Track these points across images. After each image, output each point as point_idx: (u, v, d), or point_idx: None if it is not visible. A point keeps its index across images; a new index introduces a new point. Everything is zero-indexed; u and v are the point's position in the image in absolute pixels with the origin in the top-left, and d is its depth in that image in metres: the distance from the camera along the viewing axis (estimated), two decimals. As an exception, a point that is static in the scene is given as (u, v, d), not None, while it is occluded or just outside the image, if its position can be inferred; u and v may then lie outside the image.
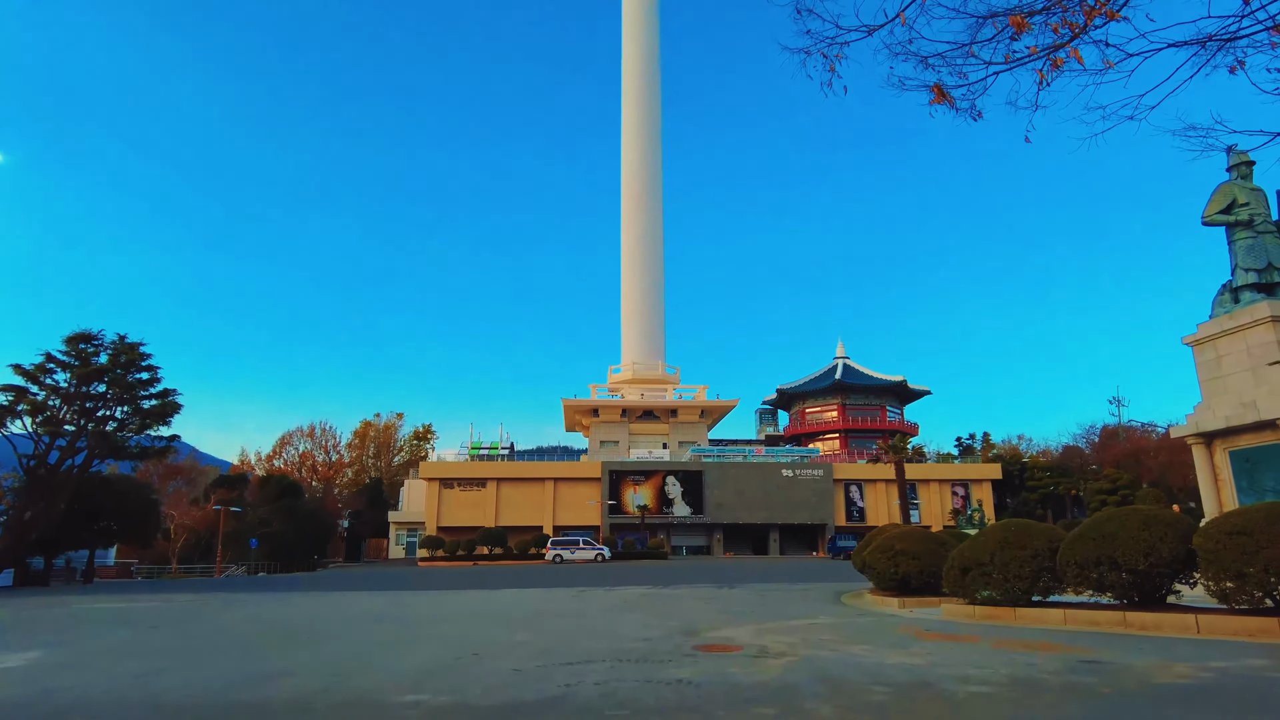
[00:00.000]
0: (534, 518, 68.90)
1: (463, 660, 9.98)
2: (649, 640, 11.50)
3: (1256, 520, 11.16)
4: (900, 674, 8.27)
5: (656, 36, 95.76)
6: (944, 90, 5.54)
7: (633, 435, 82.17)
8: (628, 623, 14.27)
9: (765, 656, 9.74)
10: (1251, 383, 16.74)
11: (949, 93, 5.54)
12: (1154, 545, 11.82)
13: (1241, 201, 18.02)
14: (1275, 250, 17.79)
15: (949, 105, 5.63)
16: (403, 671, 9.17)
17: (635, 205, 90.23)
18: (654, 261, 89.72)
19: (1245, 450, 16.73)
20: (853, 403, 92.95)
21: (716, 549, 70.08)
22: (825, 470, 71.79)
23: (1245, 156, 18.53)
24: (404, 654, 10.70)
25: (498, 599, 21.71)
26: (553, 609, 17.86)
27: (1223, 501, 16.94)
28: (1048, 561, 13.28)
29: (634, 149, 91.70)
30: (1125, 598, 12.44)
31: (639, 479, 69.70)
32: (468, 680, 8.48)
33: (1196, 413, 17.70)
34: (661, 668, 9.02)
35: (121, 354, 39.71)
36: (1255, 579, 10.96)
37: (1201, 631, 11.28)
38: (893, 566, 17.51)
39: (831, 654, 9.83)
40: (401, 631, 13.74)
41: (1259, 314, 16.66)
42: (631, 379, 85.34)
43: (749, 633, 12.29)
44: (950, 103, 5.61)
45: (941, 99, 5.57)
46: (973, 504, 70.74)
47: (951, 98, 5.60)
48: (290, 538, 64.26)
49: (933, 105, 5.57)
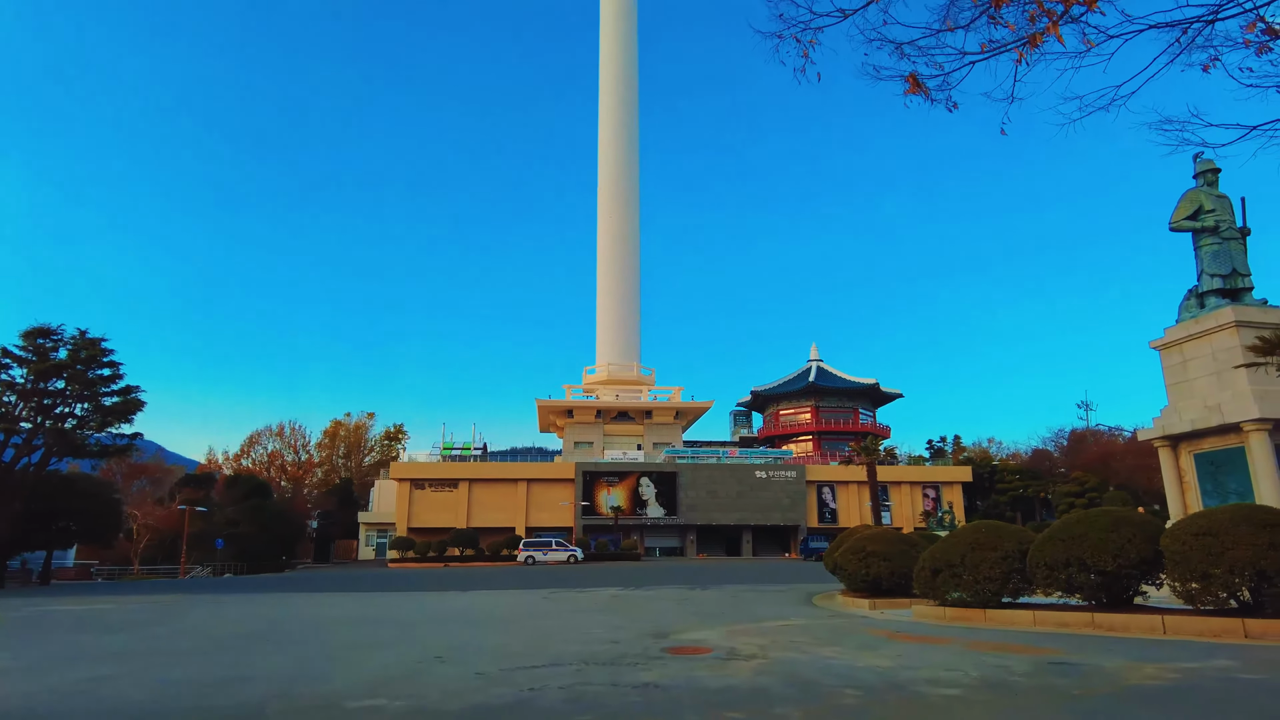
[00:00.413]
0: (506, 519, 68.36)
1: (426, 664, 9.72)
2: (617, 643, 11.31)
3: (1222, 522, 11.23)
4: (871, 676, 8.16)
5: (635, 38, 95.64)
6: (919, 80, 5.43)
7: (607, 436, 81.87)
8: (597, 625, 14.07)
9: (735, 659, 9.60)
10: (1216, 386, 16.94)
11: (924, 83, 5.44)
12: (1122, 547, 11.86)
13: (1208, 208, 18.26)
14: (1239, 257, 18.05)
15: (924, 96, 5.52)
16: (363, 676, 8.90)
17: (612, 206, 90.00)
18: (630, 262, 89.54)
19: (1209, 453, 16.94)
20: (826, 405, 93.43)
21: (690, 550, 70.01)
22: (798, 472, 72.05)
23: (1211, 164, 18.79)
24: (366, 658, 10.41)
25: (467, 601, 21.40)
26: (522, 611, 17.61)
27: (1187, 504, 17.13)
28: (1018, 563, 13.30)
29: (611, 150, 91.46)
30: (1094, 599, 12.48)
31: (613, 480, 69.44)
32: (429, 685, 8.24)
33: (1163, 416, 17.89)
34: (629, 671, 8.84)
35: (82, 349, 38.67)
36: (1220, 580, 11.04)
37: (1168, 632, 11.34)
38: (864, 568, 17.48)
39: (802, 656, 9.71)
40: (365, 634, 13.41)
41: (1223, 319, 16.87)
42: (607, 380, 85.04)
43: (719, 635, 12.15)
44: (925, 93, 5.50)
45: (917, 89, 5.46)
46: (944, 506, 71.38)
47: (927, 88, 5.48)
48: (258, 538, 63.16)
49: (908, 95, 5.46)
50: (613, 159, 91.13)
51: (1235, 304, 17.19)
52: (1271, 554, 10.62)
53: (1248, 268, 18.01)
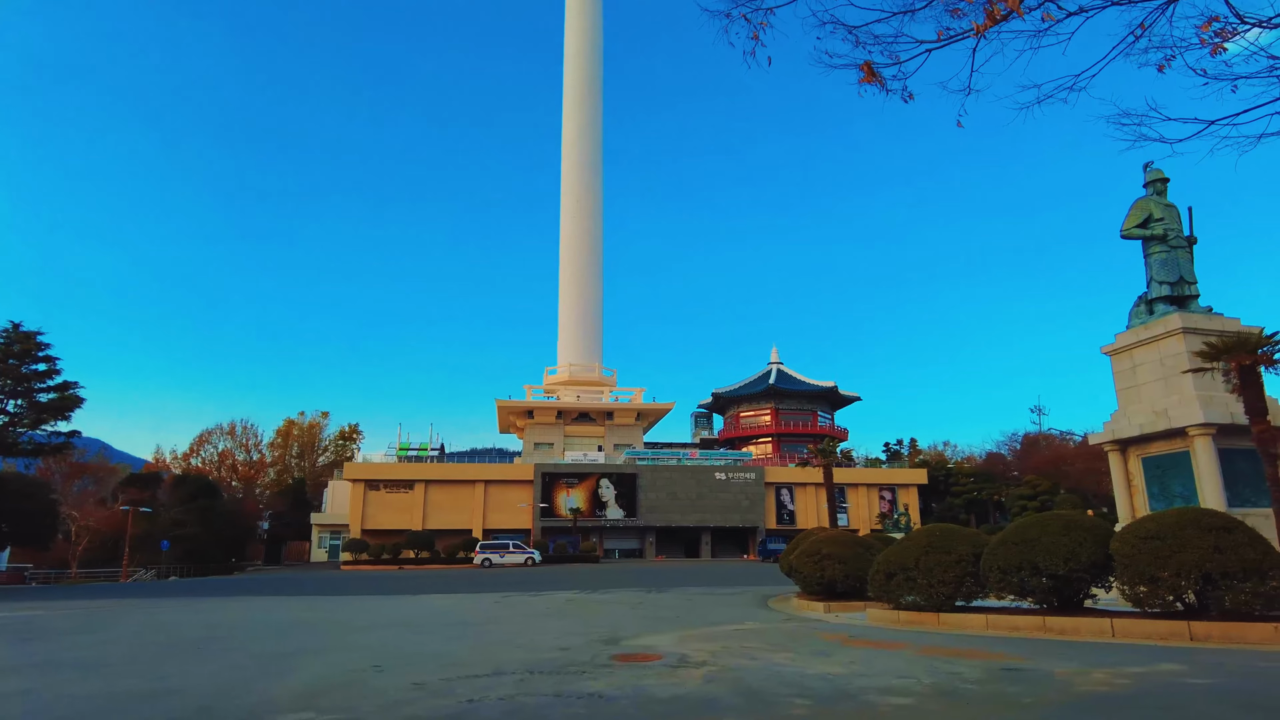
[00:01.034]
0: (463, 521, 67.41)
1: (362, 673, 9.29)
2: (567, 650, 10.98)
3: (1169, 525, 11.31)
4: (822, 685, 7.96)
5: (600, 42, 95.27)
6: (874, 69, 5.24)
7: (568, 437, 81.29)
8: (548, 630, 13.72)
9: (685, 666, 9.34)
10: (1164, 392, 17.20)
11: (879, 72, 5.25)
12: (1074, 550, 11.89)
13: (1157, 216, 18.56)
14: (1186, 265, 18.39)
15: (879, 86, 5.33)
16: (293, 686, 8.45)
17: (575, 206, 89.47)
18: (593, 263, 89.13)
19: (1157, 457, 17.19)
20: (786, 407, 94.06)
21: (649, 552, 69.79)
22: (757, 474, 72.31)
23: (1160, 174, 19.13)
24: (300, 666, 9.93)
25: (417, 605, 20.86)
26: (472, 616, 17.18)
27: (1135, 507, 17.37)
28: (971, 567, 13.28)
29: (574, 150, 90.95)
30: (1045, 602, 12.49)
31: (572, 481, 68.92)
32: (362, 696, 7.83)
33: (1113, 420, 18.12)
34: (576, 680, 8.53)
35: (15, 343, 37.04)
36: (1167, 583, 11.11)
37: (1116, 635, 11.38)
38: (819, 571, 17.39)
39: (753, 663, 9.50)
40: (306, 641, 12.88)
41: (1171, 325, 17.14)
42: (568, 381, 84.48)
43: (671, 640, 11.89)
44: (880, 83, 5.31)
45: (872, 78, 5.27)
46: (899, 508, 72.22)
47: (882, 77, 5.29)
48: (206, 540, 61.37)
49: (862, 84, 5.26)
50: (576, 159, 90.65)
51: (1182, 311, 17.48)
52: (1217, 557, 10.71)
53: (1194, 275, 18.34)
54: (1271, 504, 12.68)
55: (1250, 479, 15.86)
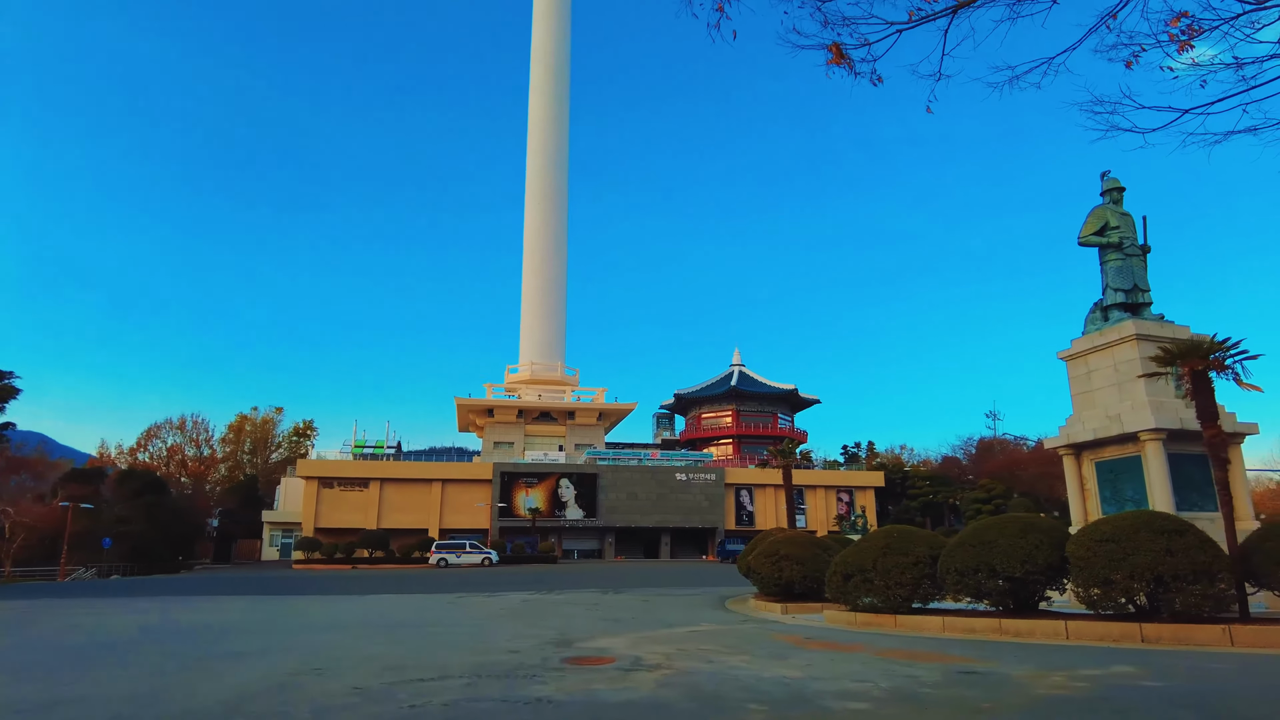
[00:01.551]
0: (419, 520, 66.29)
1: (300, 677, 8.84)
2: (517, 652, 10.64)
3: (1124, 528, 11.38)
4: (778, 689, 7.75)
5: (567, 38, 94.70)
6: (842, 50, 5.04)
7: (528, 437, 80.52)
8: (500, 632, 13.35)
9: (639, 670, 9.07)
10: (1117, 397, 17.42)
11: (848, 54, 5.05)
12: (1031, 553, 11.90)
13: (1113, 225, 18.83)
14: (1140, 273, 18.67)
15: (848, 68, 5.13)
16: (222, 693, 7.98)
17: (540, 203, 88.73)
18: (557, 261, 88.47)
19: (1110, 461, 17.40)
20: (747, 409, 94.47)
21: (608, 552, 69.43)
22: (718, 475, 72.39)
23: (1117, 183, 19.43)
24: (234, 670, 9.44)
25: (367, 605, 20.29)
26: (423, 617, 16.71)
27: (1088, 511, 17.56)
28: (928, 569, 13.24)
29: (540, 149, 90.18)
30: (1001, 604, 12.49)
31: (532, 481, 68.25)
32: (296, 702, 7.41)
33: (1068, 425, 18.31)
34: (524, 684, 8.20)
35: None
36: (1121, 585, 11.17)
37: (1071, 637, 11.40)
38: (776, 572, 17.27)
39: (708, 666, 9.26)
40: (243, 643, 12.32)
41: (1125, 332, 17.37)
42: (529, 380, 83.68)
43: (626, 643, 11.61)
44: (849, 65, 5.11)
45: (840, 60, 5.07)
46: (857, 510, 72.92)
47: (850, 59, 5.10)
48: (151, 538, 59.34)
49: (830, 66, 5.07)
50: (542, 156, 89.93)
51: (1136, 318, 17.74)
52: (1169, 559, 10.79)
53: (1148, 283, 18.64)
54: (1219, 507, 12.83)
55: (1197, 484, 16.13)
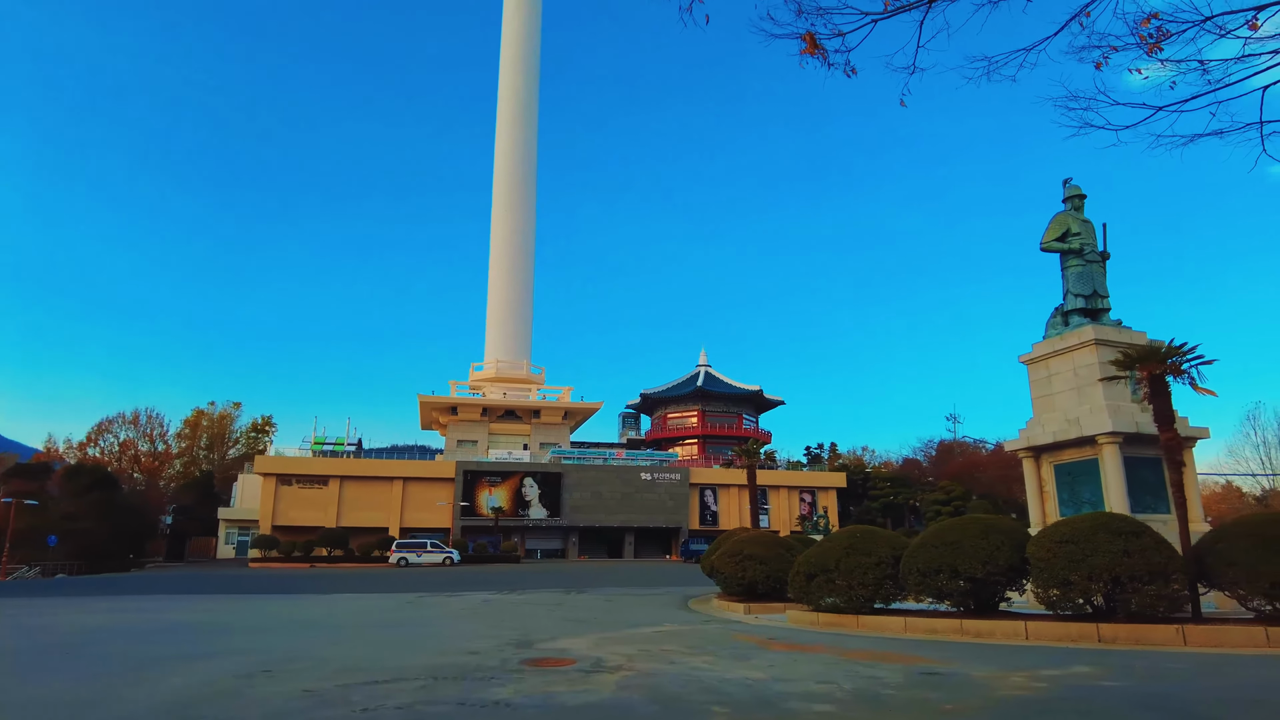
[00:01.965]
0: (380, 519, 65.31)
1: (249, 679, 8.53)
2: (476, 653, 10.42)
3: (1083, 530, 11.50)
4: (741, 690, 7.65)
5: (538, 32, 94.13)
6: (816, 40, 4.95)
7: (493, 435, 79.76)
8: (459, 633, 13.09)
9: (599, 671, 8.91)
10: (1076, 401, 17.69)
11: (821, 44, 4.96)
12: (992, 554, 11.98)
13: (1074, 231, 19.13)
14: (1100, 279, 19.00)
15: (821, 59, 5.04)
16: (163, 697, 7.65)
17: (508, 200, 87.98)
18: (524, 258, 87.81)
19: (1068, 464, 17.66)
20: (712, 409, 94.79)
21: (572, 552, 69.07)
22: (683, 474, 72.45)
23: (1078, 190, 19.75)
24: (178, 672, 9.07)
25: (323, 605, 19.84)
26: (381, 617, 16.36)
27: (1046, 513, 17.81)
28: (891, 569, 13.27)
29: (508, 144, 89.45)
30: (963, 605, 12.56)
31: (495, 480, 67.62)
32: (243, 707, 7.13)
33: (1028, 428, 18.56)
34: (481, 686, 7.99)
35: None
36: (1079, 586, 11.29)
37: (1030, 638, 11.49)
38: (740, 571, 17.23)
39: (671, 668, 9.13)
40: (191, 644, 11.91)
41: (1085, 337, 17.65)
42: (495, 377, 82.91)
43: (587, 644, 11.44)
44: (823, 55, 5.02)
45: (814, 49, 4.98)
46: (819, 511, 73.47)
47: (824, 49, 5.01)
48: (101, 535, 57.57)
49: (803, 56, 4.97)
50: (510, 154, 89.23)
51: (1096, 323, 18.03)
52: (1126, 561, 10.93)
53: (1106, 290, 18.96)
54: (1174, 509, 13.07)
55: (1150, 486, 16.45)
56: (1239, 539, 11.33)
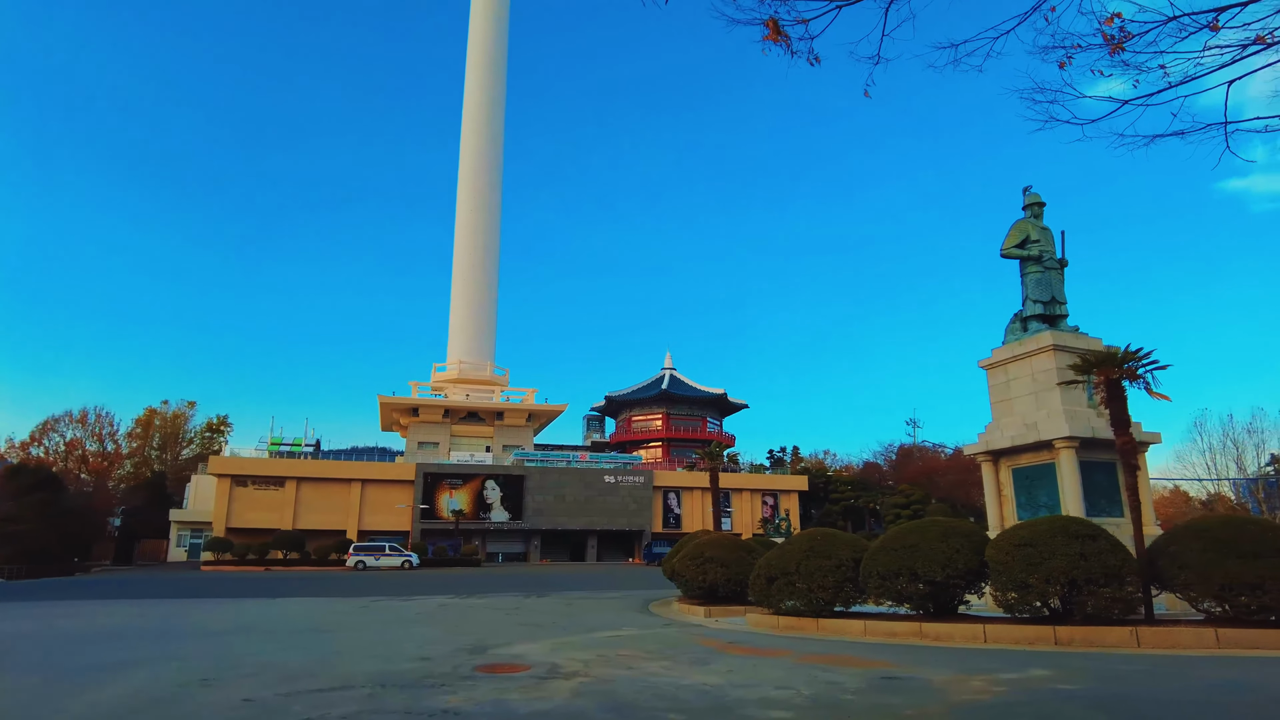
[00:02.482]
0: (338, 521, 64.07)
1: (186, 688, 8.13)
2: (428, 660, 10.10)
3: (1041, 533, 11.55)
4: (697, 697, 7.47)
5: (505, 36, 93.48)
6: (779, 26, 4.81)
7: (455, 437, 78.82)
8: (411, 638, 12.73)
9: (554, 678, 8.67)
10: (1034, 405, 17.89)
11: (785, 30, 4.82)
12: (951, 557, 11.97)
13: (1034, 238, 19.38)
14: (1058, 285, 19.27)
15: (785, 46, 4.91)
16: (96, 707, 7.24)
17: (472, 199, 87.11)
18: (489, 258, 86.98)
19: (1026, 468, 17.84)
20: (677, 413, 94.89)
21: (533, 555, 68.49)
22: (646, 477, 72.31)
23: (1038, 198, 20.02)
24: (114, 681, 8.63)
25: (273, 609, 19.25)
26: (332, 622, 15.88)
27: (1005, 516, 17.97)
28: (851, 572, 13.22)
29: (473, 144, 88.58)
30: (922, 608, 12.54)
31: (456, 483, 66.77)
32: (178, 716, 6.76)
33: (988, 432, 18.72)
34: (430, 694, 7.71)
35: None
36: (1037, 589, 11.34)
37: (989, 641, 11.50)
38: (701, 574, 17.09)
39: (627, 673, 8.93)
40: (129, 650, 11.39)
41: (1043, 342, 17.85)
42: (457, 378, 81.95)
43: (543, 649, 11.18)
44: (786, 42, 4.88)
45: (776, 36, 4.83)
46: (781, 513, 73.88)
47: (788, 35, 4.87)
48: (44, 538, 55.53)
49: (766, 42, 4.82)
50: (475, 154, 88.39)
51: (1054, 329, 18.26)
52: (1082, 564, 10.99)
53: (1064, 296, 19.23)
54: (1128, 513, 13.22)
55: (1104, 490, 16.69)
56: (1191, 542, 11.49)
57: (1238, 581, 10.69)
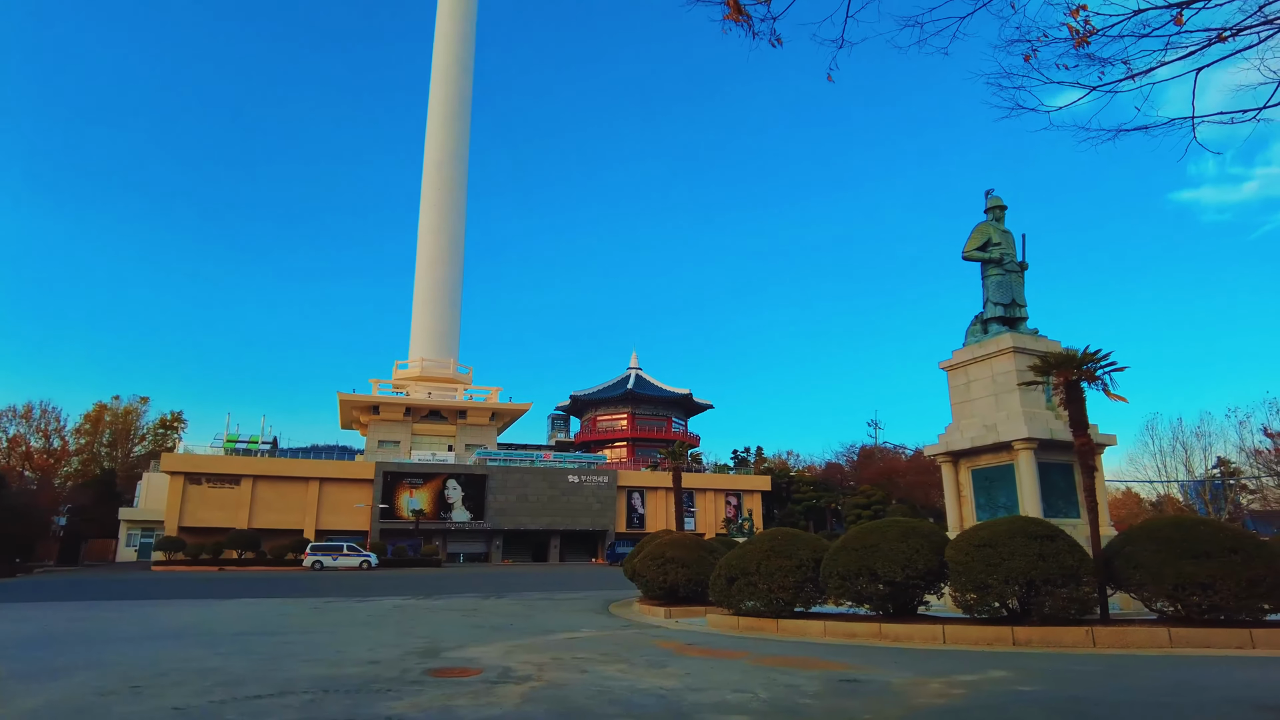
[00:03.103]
0: (295, 520, 62.73)
1: (112, 696, 7.69)
2: (376, 663, 9.74)
3: (1000, 533, 11.55)
4: (653, 701, 7.25)
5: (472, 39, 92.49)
6: (740, 6, 4.61)
7: (416, 436, 77.70)
8: (361, 640, 12.32)
9: (505, 682, 8.38)
10: (994, 407, 17.99)
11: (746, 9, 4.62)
12: (911, 557, 11.92)
13: (995, 241, 19.51)
14: (1018, 288, 19.43)
15: (746, 27, 4.71)
16: (11, 718, 6.79)
17: (437, 194, 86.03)
18: (453, 254, 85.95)
19: (985, 469, 17.95)
20: (642, 412, 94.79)
21: (495, 556, 67.79)
22: (610, 477, 72.01)
23: (999, 201, 20.18)
24: (31, 691, 8.14)
25: (220, 610, 18.63)
26: (280, 624, 15.37)
27: (964, 517, 18.06)
28: (811, 572, 13.12)
29: (438, 137, 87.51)
30: (881, 609, 12.48)
31: (417, 482, 65.81)
32: (96, 729, 6.35)
33: (948, 433, 18.80)
34: (375, 700, 7.38)
35: None
36: (996, 589, 11.32)
37: (947, 642, 11.46)
38: (662, 575, 16.89)
39: (581, 677, 8.67)
40: (55, 657, 10.82)
41: (1003, 344, 17.97)
42: (420, 376, 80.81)
43: (498, 652, 10.87)
44: (747, 22, 4.69)
45: (738, 15, 4.64)
46: (744, 513, 74.14)
47: (749, 15, 4.68)
48: (-17, 537, 53.67)
49: (726, 21, 4.63)
50: (439, 148, 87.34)
51: (1014, 331, 18.39)
52: (1041, 564, 11.00)
53: (1024, 299, 19.39)
54: (1085, 513, 13.32)
55: (1062, 491, 16.84)
56: (1144, 542, 11.58)
57: (1190, 581, 10.79)
